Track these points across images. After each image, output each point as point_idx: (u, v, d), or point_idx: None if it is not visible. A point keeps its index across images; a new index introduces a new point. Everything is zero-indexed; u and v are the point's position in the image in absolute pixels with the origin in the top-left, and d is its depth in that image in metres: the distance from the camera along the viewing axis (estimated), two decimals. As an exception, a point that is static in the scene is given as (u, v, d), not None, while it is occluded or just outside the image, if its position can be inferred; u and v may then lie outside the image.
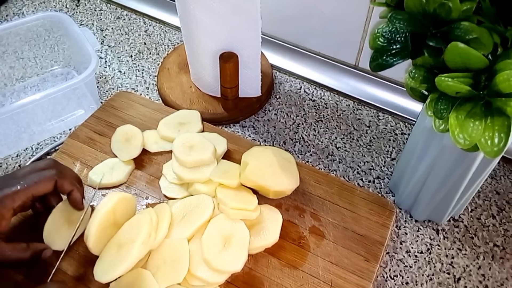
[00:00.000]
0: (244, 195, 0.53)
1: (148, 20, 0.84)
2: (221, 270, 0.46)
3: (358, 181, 0.61)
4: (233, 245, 0.48)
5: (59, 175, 0.47)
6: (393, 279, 0.52)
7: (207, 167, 0.54)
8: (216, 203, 0.52)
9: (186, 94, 0.69)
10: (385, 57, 0.41)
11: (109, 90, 0.72)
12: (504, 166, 0.62)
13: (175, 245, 0.48)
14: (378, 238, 0.51)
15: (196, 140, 0.56)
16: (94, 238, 0.47)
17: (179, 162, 0.54)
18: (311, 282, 0.48)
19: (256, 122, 0.68)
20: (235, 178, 0.53)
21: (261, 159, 0.54)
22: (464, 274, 0.52)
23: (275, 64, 0.75)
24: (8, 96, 0.70)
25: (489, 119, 0.36)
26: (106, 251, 0.47)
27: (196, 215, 0.50)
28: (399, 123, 0.68)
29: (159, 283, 0.45)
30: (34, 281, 0.47)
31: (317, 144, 0.65)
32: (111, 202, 0.48)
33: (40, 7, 0.86)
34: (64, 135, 0.65)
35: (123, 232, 0.48)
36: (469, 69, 0.36)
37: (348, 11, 0.65)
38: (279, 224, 0.51)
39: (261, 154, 0.55)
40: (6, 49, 0.69)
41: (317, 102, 0.70)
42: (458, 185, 0.48)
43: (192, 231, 0.49)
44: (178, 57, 0.74)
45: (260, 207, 0.52)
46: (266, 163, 0.54)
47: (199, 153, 0.55)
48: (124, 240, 0.46)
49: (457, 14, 0.36)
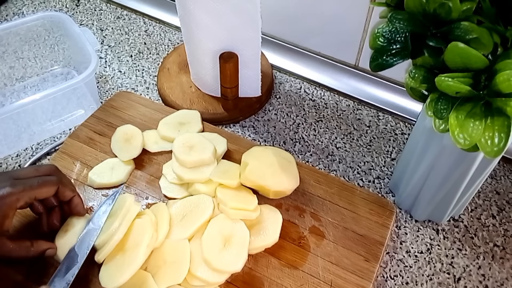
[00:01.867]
0: (244, 195, 0.53)
1: (148, 20, 0.84)
2: (221, 270, 0.46)
3: (358, 181, 0.61)
4: (233, 245, 0.48)
5: (61, 182, 0.48)
6: (393, 279, 0.52)
7: (207, 167, 0.54)
8: (216, 203, 0.52)
9: (186, 94, 0.69)
10: (385, 57, 0.41)
11: (109, 90, 0.72)
12: (504, 166, 0.62)
13: (176, 245, 0.48)
14: (378, 238, 0.51)
15: (196, 140, 0.56)
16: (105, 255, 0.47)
17: (179, 162, 0.54)
18: (311, 282, 0.48)
19: (256, 122, 0.68)
20: (235, 178, 0.53)
21: (261, 159, 0.54)
22: (464, 274, 0.52)
23: (275, 64, 0.75)
24: (8, 96, 0.70)
25: (489, 119, 0.36)
26: (110, 257, 0.46)
27: (196, 215, 0.50)
28: (399, 123, 0.68)
29: (159, 284, 0.45)
30: (34, 281, 0.47)
31: (317, 144, 0.65)
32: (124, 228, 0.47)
33: (40, 7, 0.86)
34: (64, 135, 0.65)
35: (126, 237, 0.47)
36: (469, 69, 0.36)
37: (348, 11, 0.65)
38: (279, 224, 0.51)
39: (261, 154, 0.55)
40: (6, 49, 0.69)
41: (317, 102, 0.70)
42: (458, 185, 0.48)
43: (192, 231, 0.49)
44: (178, 57, 0.74)
45: (260, 207, 0.52)
46: (266, 163, 0.54)
47: (199, 153, 0.55)
48: (128, 245, 0.46)
49: (457, 14, 0.36)
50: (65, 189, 0.48)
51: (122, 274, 0.44)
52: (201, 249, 0.47)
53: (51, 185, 0.46)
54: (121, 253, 0.46)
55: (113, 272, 0.45)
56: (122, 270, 0.44)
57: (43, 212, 0.49)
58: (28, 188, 0.45)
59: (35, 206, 0.49)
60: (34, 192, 0.45)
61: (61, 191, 0.47)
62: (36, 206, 0.49)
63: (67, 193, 0.48)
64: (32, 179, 0.46)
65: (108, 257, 0.46)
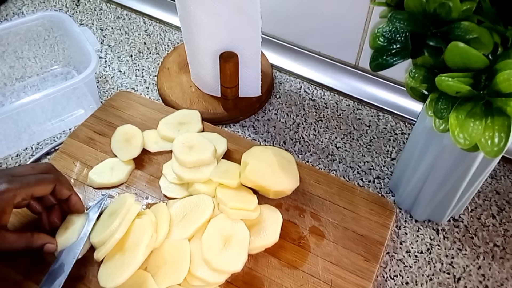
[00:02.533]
0: (244, 195, 0.53)
1: (148, 20, 0.84)
2: (221, 270, 0.46)
3: (358, 181, 0.61)
4: (233, 245, 0.48)
5: (58, 180, 0.48)
6: (393, 279, 0.52)
7: (207, 167, 0.54)
8: (216, 203, 0.52)
9: (186, 94, 0.69)
10: (385, 57, 0.41)
11: (109, 90, 0.72)
12: (504, 166, 0.62)
13: (176, 245, 0.48)
14: (378, 238, 0.51)
15: (196, 140, 0.56)
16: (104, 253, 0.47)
17: (179, 162, 0.54)
18: (311, 282, 0.48)
19: (256, 122, 0.68)
20: (235, 178, 0.53)
21: (261, 159, 0.54)
22: (464, 274, 0.52)
23: (275, 64, 0.75)
24: (8, 96, 0.70)
25: (489, 119, 0.36)
26: (109, 257, 0.46)
27: (196, 215, 0.50)
28: (399, 123, 0.68)
29: (159, 284, 0.45)
30: (34, 281, 0.47)
31: (317, 144, 0.65)
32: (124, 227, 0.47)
33: (40, 7, 0.86)
34: (64, 135, 0.65)
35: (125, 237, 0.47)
36: (469, 69, 0.36)
37: (348, 11, 0.65)
38: (279, 224, 0.51)
39: (261, 154, 0.55)
40: (6, 49, 0.69)
41: (317, 102, 0.70)
42: (458, 185, 0.48)
43: (192, 231, 0.49)
44: (178, 57, 0.74)
45: (260, 207, 0.52)
46: (266, 163, 0.54)
47: (199, 153, 0.54)
48: (128, 245, 0.46)
49: (457, 14, 0.36)
50: (62, 187, 0.48)
51: (121, 274, 0.44)
52: (201, 249, 0.47)
53: (48, 183, 0.47)
54: (120, 252, 0.46)
55: (112, 271, 0.45)
56: (121, 270, 0.44)
57: (42, 211, 0.49)
58: (25, 185, 0.45)
59: (33, 205, 0.49)
60: (31, 189, 0.45)
61: (58, 189, 0.47)
62: (34, 205, 0.49)
63: (64, 191, 0.48)
64: (29, 176, 0.46)
65: (107, 256, 0.46)
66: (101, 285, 0.44)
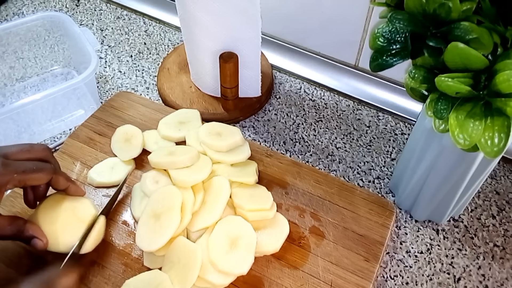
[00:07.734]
0: (260, 193, 0.53)
1: (148, 20, 0.84)
2: (227, 272, 0.46)
3: (358, 181, 0.61)
4: (239, 248, 0.47)
5: (56, 171, 0.45)
6: (393, 279, 0.52)
7: (241, 148, 0.57)
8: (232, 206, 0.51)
9: (186, 94, 0.69)
10: (385, 57, 0.41)
11: (109, 90, 0.72)
12: (504, 166, 0.62)
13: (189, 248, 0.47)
14: (378, 238, 0.51)
15: (219, 128, 0.58)
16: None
17: (214, 149, 0.56)
18: (311, 282, 0.48)
19: (256, 122, 0.68)
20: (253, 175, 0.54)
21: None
22: (464, 274, 0.52)
23: (275, 64, 0.75)
24: (8, 96, 0.70)
25: (489, 119, 0.36)
26: (143, 224, 0.48)
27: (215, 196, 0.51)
28: (399, 123, 0.68)
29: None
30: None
31: (317, 144, 0.65)
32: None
33: (40, 7, 0.86)
34: (64, 135, 0.65)
35: (154, 204, 0.49)
36: (469, 69, 0.36)
37: (348, 11, 0.65)
38: (285, 234, 0.50)
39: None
40: (6, 49, 0.69)
41: (317, 102, 0.70)
42: (458, 185, 0.48)
43: (219, 212, 0.49)
44: (178, 57, 0.74)
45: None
46: None
47: (230, 136, 0.57)
48: (161, 210, 0.48)
49: (457, 14, 0.36)
50: (59, 178, 0.45)
51: (162, 237, 0.46)
52: (207, 250, 0.47)
53: (45, 173, 0.44)
54: (154, 219, 0.48)
55: (152, 237, 0.47)
56: (160, 233, 0.46)
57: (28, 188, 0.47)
58: (21, 172, 0.42)
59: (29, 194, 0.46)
60: (27, 176, 0.42)
61: (55, 180, 0.45)
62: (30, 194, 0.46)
63: (61, 182, 0.46)
64: (26, 163, 0.43)
65: (140, 225, 0.48)
66: (143, 249, 0.47)
